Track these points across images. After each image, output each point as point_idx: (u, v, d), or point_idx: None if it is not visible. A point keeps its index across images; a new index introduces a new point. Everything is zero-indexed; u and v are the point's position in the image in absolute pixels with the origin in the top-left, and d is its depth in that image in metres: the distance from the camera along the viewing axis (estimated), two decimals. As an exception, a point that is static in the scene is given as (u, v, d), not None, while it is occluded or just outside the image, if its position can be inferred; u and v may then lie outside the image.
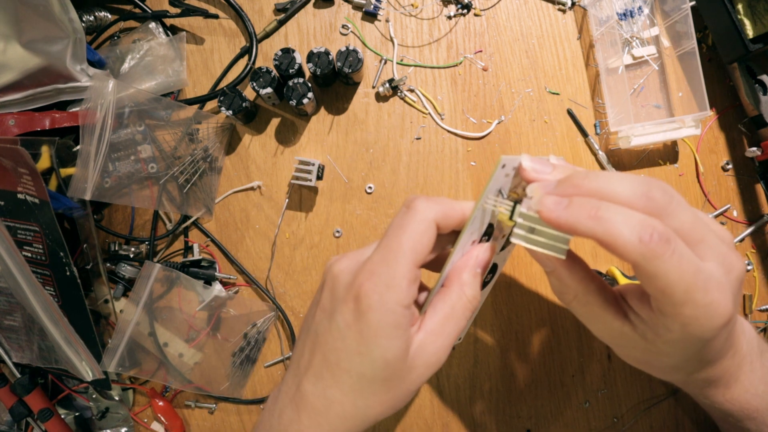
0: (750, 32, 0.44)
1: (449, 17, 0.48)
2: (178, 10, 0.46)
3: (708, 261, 0.27)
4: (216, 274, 0.47)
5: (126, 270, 0.47)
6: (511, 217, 0.30)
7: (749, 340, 0.33)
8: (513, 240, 0.29)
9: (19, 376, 0.45)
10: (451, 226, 0.30)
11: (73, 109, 0.44)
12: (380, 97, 0.48)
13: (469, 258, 0.32)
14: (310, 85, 0.44)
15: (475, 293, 0.31)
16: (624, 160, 0.48)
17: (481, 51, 0.48)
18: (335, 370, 0.29)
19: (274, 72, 0.44)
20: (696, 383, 0.34)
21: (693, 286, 0.26)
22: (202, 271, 0.46)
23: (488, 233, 0.33)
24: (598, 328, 0.32)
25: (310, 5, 0.49)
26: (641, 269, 0.26)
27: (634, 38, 0.47)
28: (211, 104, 0.48)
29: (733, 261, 0.28)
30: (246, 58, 0.48)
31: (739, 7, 0.44)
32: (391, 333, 0.28)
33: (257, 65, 0.44)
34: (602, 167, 0.48)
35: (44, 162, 0.41)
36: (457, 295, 0.31)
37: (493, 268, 0.36)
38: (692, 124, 0.45)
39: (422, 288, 0.33)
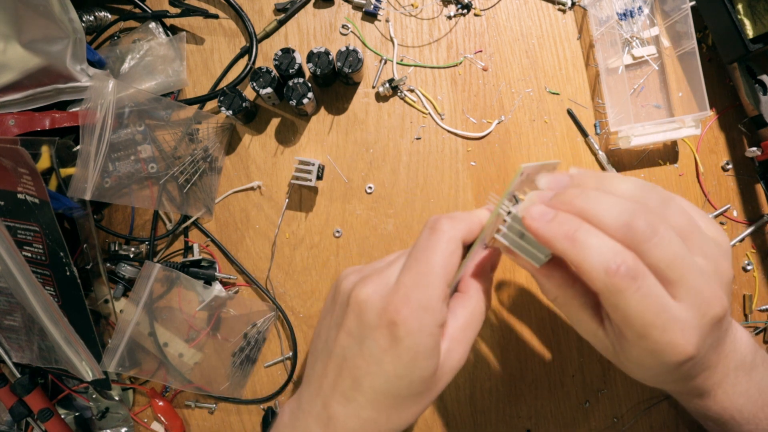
0: (750, 32, 0.44)
1: (449, 17, 0.48)
2: (178, 10, 0.46)
3: (681, 301, 0.27)
4: (216, 274, 0.47)
5: (126, 270, 0.47)
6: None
7: (741, 355, 0.32)
8: (497, 237, 0.30)
9: (19, 376, 0.45)
10: (473, 239, 0.31)
11: (73, 109, 0.44)
12: (380, 97, 0.48)
13: (485, 264, 0.33)
14: (310, 85, 0.44)
15: (490, 297, 0.33)
16: (624, 160, 0.48)
17: (481, 51, 0.48)
18: (369, 392, 0.29)
19: (274, 72, 0.44)
20: (670, 390, 0.35)
21: (651, 325, 0.27)
22: (202, 271, 0.46)
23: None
24: (578, 327, 0.33)
25: (310, 5, 0.49)
26: (604, 299, 0.27)
27: (634, 38, 0.47)
28: (211, 104, 0.48)
29: (712, 303, 0.28)
30: (246, 58, 0.48)
31: (739, 7, 0.44)
32: (429, 354, 0.29)
33: (257, 65, 0.44)
34: (602, 167, 0.48)
35: (44, 162, 0.41)
36: (476, 300, 0.32)
37: None
38: (692, 124, 0.45)
39: None
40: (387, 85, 0.47)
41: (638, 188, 0.30)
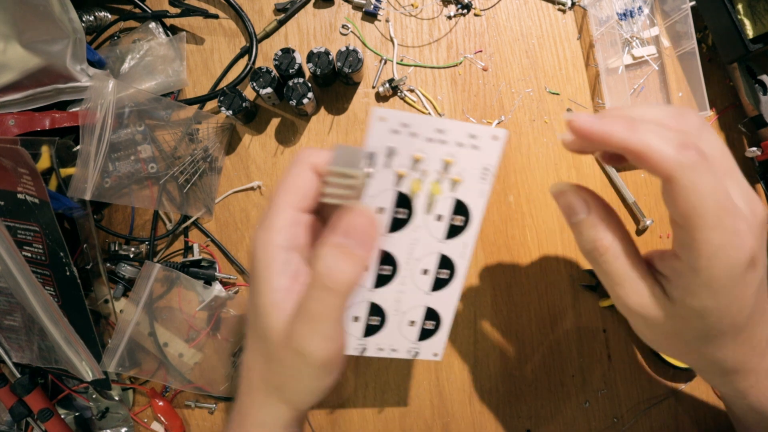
0: (750, 32, 0.44)
1: (449, 17, 0.48)
2: (178, 10, 0.46)
3: (734, 195, 0.26)
4: (216, 274, 0.47)
5: (126, 270, 0.47)
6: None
7: None
8: (326, 191, 0.27)
9: (19, 376, 0.45)
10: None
11: (73, 109, 0.44)
12: (380, 97, 0.48)
13: (336, 224, 0.27)
14: (310, 85, 0.44)
15: (329, 272, 0.25)
16: (624, 160, 0.48)
17: (481, 51, 0.48)
18: (249, 342, 0.31)
19: (274, 72, 0.44)
20: (721, 366, 0.31)
21: (724, 209, 0.25)
22: (202, 271, 0.46)
23: (405, 207, 0.29)
24: (624, 292, 0.29)
25: (310, 5, 0.49)
26: (675, 183, 0.25)
27: (634, 38, 0.47)
28: (211, 104, 0.48)
29: (756, 203, 0.27)
30: (246, 58, 0.48)
31: (739, 7, 0.44)
32: (271, 279, 0.27)
33: (257, 65, 0.44)
34: (602, 167, 0.48)
35: (44, 162, 0.41)
36: (323, 261, 0.26)
37: (448, 265, 0.32)
38: (692, 124, 0.45)
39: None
40: (387, 85, 0.47)
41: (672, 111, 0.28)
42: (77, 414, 0.48)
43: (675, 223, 0.27)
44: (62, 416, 0.47)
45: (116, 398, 0.47)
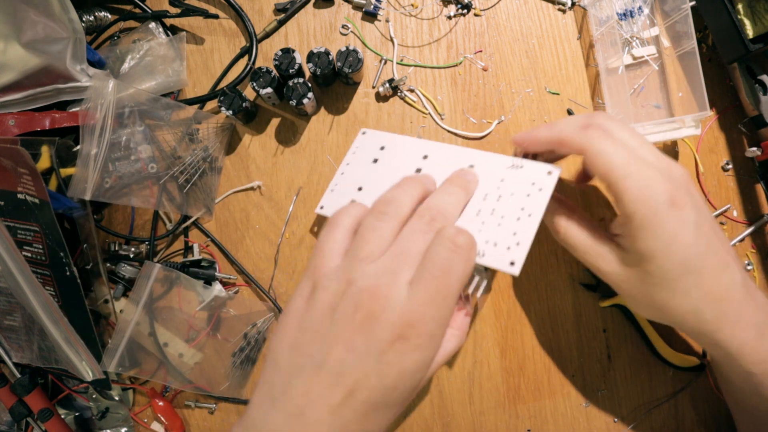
0: (750, 32, 0.44)
1: (449, 17, 0.48)
2: (178, 10, 0.46)
3: (645, 156, 0.33)
4: (216, 274, 0.47)
5: (126, 270, 0.47)
6: None
7: None
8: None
9: (19, 376, 0.45)
10: None
11: (73, 109, 0.44)
12: (380, 97, 0.48)
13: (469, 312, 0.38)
14: (310, 85, 0.44)
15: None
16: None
17: (481, 51, 0.48)
18: (361, 407, 0.28)
19: (274, 72, 0.44)
20: (696, 317, 0.34)
21: (630, 162, 0.32)
22: (202, 271, 0.46)
23: None
24: (592, 259, 0.37)
25: (310, 5, 0.49)
26: (587, 153, 0.33)
27: (634, 38, 0.47)
28: (211, 104, 0.48)
29: (672, 164, 0.34)
30: (246, 58, 0.48)
31: (739, 7, 0.44)
32: (426, 367, 0.30)
33: (257, 65, 0.44)
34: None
35: (44, 162, 0.41)
36: (460, 341, 0.36)
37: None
38: (692, 124, 0.45)
39: None
40: (387, 85, 0.47)
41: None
42: (77, 414, 0.48)
43: (606, 188, 0.34)
44: (62, 416, 0.47)
45: (116, 398, 0.47)
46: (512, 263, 0.34)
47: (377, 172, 0.42)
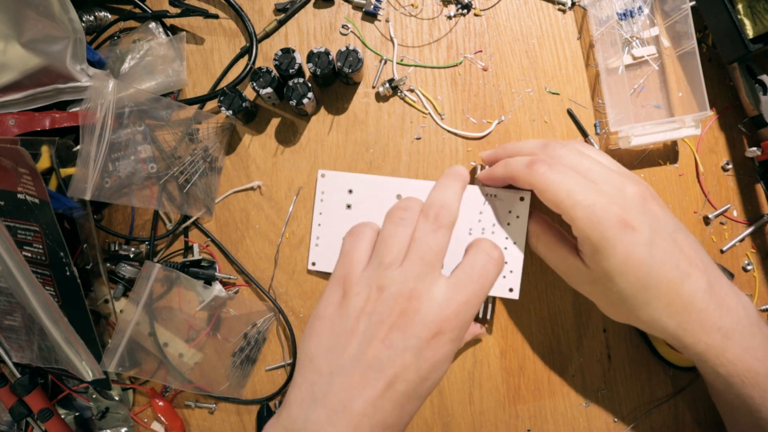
0: (750, 32, 0.44)
1: (449, 17, 0.48)
2: (178, 10, 0.46)
3: (597, 180, 0.35)
4: (216, 274, 0.47)
5: (126, 270, 0.47)
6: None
7: (746, 306, 0.36)
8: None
9: (19, 376, 0.45)
10: None
11: (73, 109, 0.44)
12: (380, 97, 0.48)
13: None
14: (310, 85, 0.44)
15: None
16: (624, 160, 0.48)
17: (481, 51, 0.48)
18: (399, 398, 0.32)
19: (274, 72, 0.44)
20: (663, 327, 0.36)
21: (576, 192, 0.33)
22: (202, 271, 0.46)
23: None
24: (561, 270, 0.40)
25: (310, 5, 0.49)
26: (536, 189, 0.35)
27: (634, 38, 0.47)
28: (211, 104, 0.48)
29: (626, 185, 0.35)
30: (246, 58, 0.48)
31: (739, 7, 0.44)
32: (452, 359, 0.34)
33: (257, 65, 0.44)
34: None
35: (44, 162, 0.41)
36: (477, 327, 0.45)
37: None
38: (692, 124, 0.45)
39: None
40: (387, 85, 0.47)
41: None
42: (77, 414, 0.48)
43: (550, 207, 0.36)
44: (62, 416, 0.47)
45: (116, 398, 0.47)
46: (511, 290, 0.41)
47: (353, 217, 0.44)
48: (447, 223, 0.35)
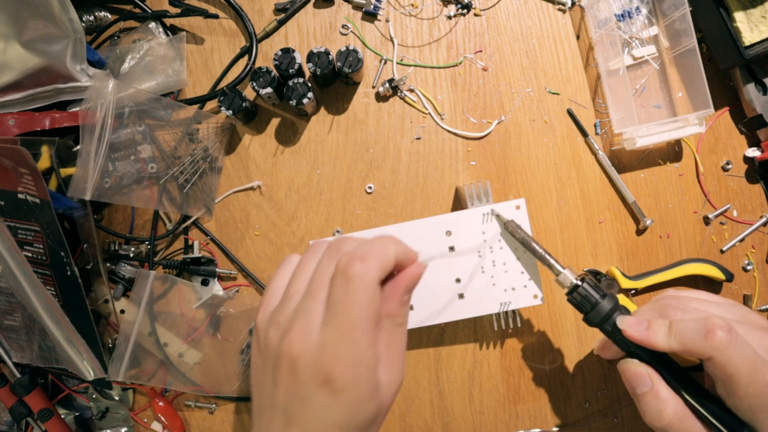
0: (746, 40, 0.44)
1: (449, 17, 0.48)
2: (178, 10, 0.46)
3: (755, 347, 0.32)
4: (216, 270, 0.47)
5: (126, 270, 0.47)
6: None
7: None
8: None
9: (19, 376, 0.45)
10: (387, 273, 0.30)
11: (73, 109, 0.44)
12: (380, 97, 0.48)
13: (412, 286, 0.31)
14: (310, 85, 0.44)
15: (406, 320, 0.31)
16: (624, 161, 0.48)
17: (481, 51, 0.48)
18: None
19: (274, 72, 0.44)
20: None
21: (755, 370, 0.31)
22: (202, 268, 0.46)
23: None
24: None
25: (310, 5, 0.49)
26: (715, 362, 0.31)
27: (634, 39, 0.47)
28: (211, 104, 0.48)
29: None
30: (246, 58, 0.48)
31: (735, 15, 0.44)
32: (370, 397, 0.29)
33: (257, 65, 0.44)
34: (602, 167, 0.48)
35: (44, 162, 0.41)
36: (404, 321, 0.31)
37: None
38: (696, 122, 0.45)
39: None
40: (387, 85, 0.47)
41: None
42: (77, 414, 0.48)
43: (717, 375, 0.32)
44: (62, 416, 0.47)
45: (116, 398, 0.47)
46: (535, 296, 0.40)
47: None
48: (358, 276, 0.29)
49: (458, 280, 0.40)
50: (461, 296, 0.39)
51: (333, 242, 0.32)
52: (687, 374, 0.34)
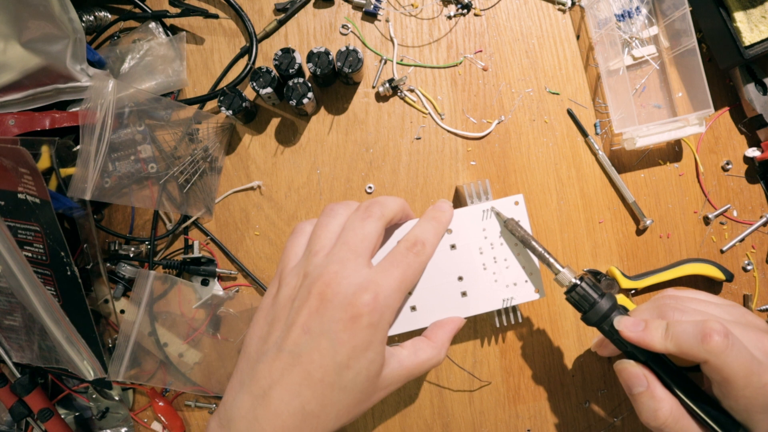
0: (745, 40, 0.44)
1: (449, 17, 0.48)
2: (178, 10, 0.46)
3: (751, 349, 0.32)
4: (216, 270, 0.47)
5: (126, 270, 0.47)
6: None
7: None
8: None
9: (19, 376, 0.45)
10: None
11: (73, 109, 0.44)
12: (380, 97, 0.48)
13: (457, 328, 0.38)
14: (310, 85, 0.44)
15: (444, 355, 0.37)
16: (624, 161, 0.48)
17: (481, 51, 0.48)
18: (318, 386, 0.31)
19: (274, 72, 0.44)
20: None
21: (751, 373, 0.31)
22: (202, 267, 0.46)
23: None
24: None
25: (310, 5, 0.49)
26: (711, 364, 0.31)
27: (634, 39, 0.47)
28: (211, 104, 0.48)
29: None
30: (246, 58, 0.48)
31: (735, 15, 0.44)
32: (378, 349, 0.32)
33: (257, 65, 0.44)
34: (602, 167, 0.48)
35: (44, 162, 0.41)
36: (438, 352, 0.36)
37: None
38: (696, 122, 0.45)
39: None
40: (387, 85, 0.47)
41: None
42: (77, 414, 0.48)
43: (713, 377, 0.32)
44: (62, 416, 0.47)
45: (116, 398, 0.47)
46: (536, 291, 0.40)
47: None
48: (377, 215, 0.34)
49: (461, 278, 0.40)
50: (464, 294, 0.39)
51: (347, 202, 0.36)
52: (683, 374, 0.34)
